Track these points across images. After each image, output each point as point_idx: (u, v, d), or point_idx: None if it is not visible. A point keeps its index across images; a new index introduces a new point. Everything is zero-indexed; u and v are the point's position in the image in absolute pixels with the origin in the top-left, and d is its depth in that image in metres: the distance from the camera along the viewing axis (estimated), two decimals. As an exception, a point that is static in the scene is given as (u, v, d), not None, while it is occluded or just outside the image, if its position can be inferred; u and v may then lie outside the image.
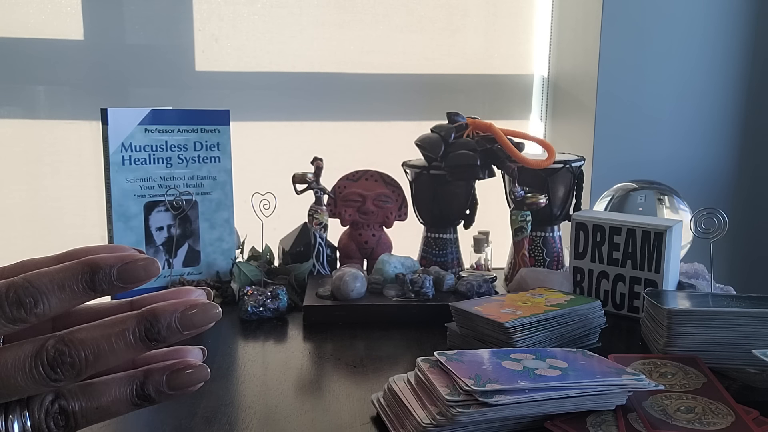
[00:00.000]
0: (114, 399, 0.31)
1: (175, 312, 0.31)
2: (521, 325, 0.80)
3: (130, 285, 0.30)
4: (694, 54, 1.65)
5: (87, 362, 0.29)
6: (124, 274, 0.30)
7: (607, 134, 1.64)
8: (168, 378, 0.32)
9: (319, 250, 1.15)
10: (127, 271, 0.30)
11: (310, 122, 1.72)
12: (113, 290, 0.30)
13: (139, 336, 0.30)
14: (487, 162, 1.16)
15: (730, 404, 0.67)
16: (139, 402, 0.32)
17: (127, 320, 0.30)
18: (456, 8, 1.74)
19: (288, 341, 0.93)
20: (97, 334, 0.30)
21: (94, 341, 0.29)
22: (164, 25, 1.63)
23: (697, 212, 0.95)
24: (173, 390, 0.32)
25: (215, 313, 0.31)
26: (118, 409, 0.31)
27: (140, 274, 0.30)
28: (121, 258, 0.30)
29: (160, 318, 0.30)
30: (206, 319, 0.31)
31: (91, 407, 0.30)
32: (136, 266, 0.30)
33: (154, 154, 1.07)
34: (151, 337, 0.30)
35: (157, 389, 0.32)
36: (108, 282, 0.30)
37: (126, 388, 0.31)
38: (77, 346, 0.29)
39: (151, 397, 0.32)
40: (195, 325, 0.31)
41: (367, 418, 0.69)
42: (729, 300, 0.87)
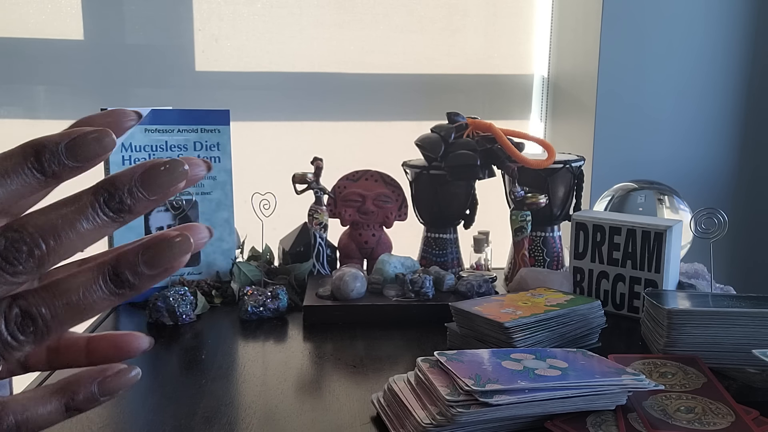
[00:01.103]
0: (86, 292, 0.25)
1: (134, 174, 0.26)
2: (521, 325, 0.80)
3: (85, 163, 0.26)
4: (694, 54, 1.65)
5: (48, 248, 0.25)
6: (75, 149, 0.25)
7: (607, 134, 1.64)
8: (144, 255, 0.26)
9: (319, 250, 1.15)
10: (76, 146, 0.25)
11: (310, 122, 1.72)
12: (65, 171, 0.26)
13: (101, 208, 0.25)
14: (487, 162, 1.16)
15: (730, 404, 0.67)
16: (118, 291, 0.26)
17: (82, 194, 0.26)
18: (456, 8, 1.74)
19: (288, 341, 0.93)
20: (52, 215, 0.25)
21: (51, 223, 0.25)
22: (164, 25, 1.63)
23: (697, 212, 0.95)
24: (153, 268, 0.26)
25: (182, 170, 0.26)
26: (94, 301, 0.25)
27: (93, 148, 0.25)
28: (67, 133, 0.25)
29: (117, 184, 0.26)
30: (173, 179, 0.26)
31: (60, 305, 0.25)
32: (86, 139, 0.25)
33: (154, 154, 1.07)
34: (114, 207, 0.26)
35: (134, 270, 0.26)
36: (58, 161, 0.25)
37: (98, 277, 0.26)
38: (33, 232, 0.24)
39: (128, 281, 0.26)
40: (161, 186, 0.26)
41: (367, 418, 0.69)
42: (729, 300, 0.87)
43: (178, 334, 0.95)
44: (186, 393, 0.75)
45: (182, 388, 0.76)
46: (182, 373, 0.82)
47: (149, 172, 0.26)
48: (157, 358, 0.88)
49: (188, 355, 0.88)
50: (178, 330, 0.96)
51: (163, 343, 0.92)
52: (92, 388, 0.28)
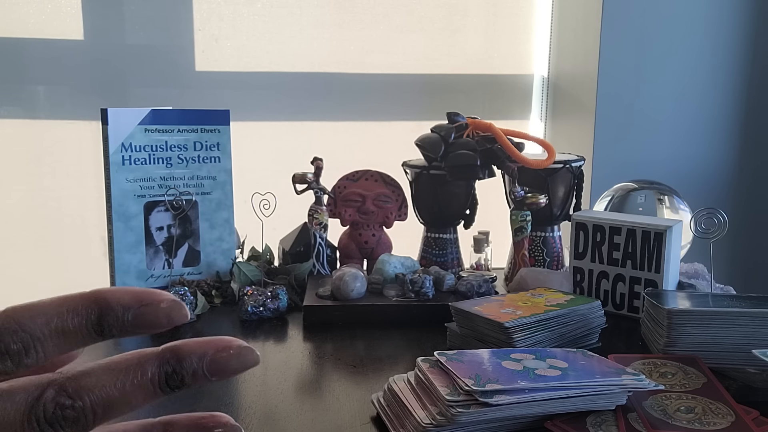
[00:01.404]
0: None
1: (205, 355, 0.25)
2: (521, 325, 0.80)
3: (147, 330, 0.25)
4: (694, 54, 1.65)
5: (95, 415, 0.24)
6: (141, 319, 0.25)
7: (607, 134, 1.64)
8: (212, 359, 0.25)
9: (319, 250, 1.15)
10: (143, 316, 0.25)
11: (310, 122, 1.72)
12: (125, 335, 0.25)
13: (159, 383, 0.25)
14: (487, 162, 1.16)
15: (730, 404, 0.67)
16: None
17: (146, 362, 0.25)
18: (456, 8, 1.74)
19: (288, 341, 0.93)
20: (107, 380, 0.24)
21: (104, 389, 0.24)
22: (164, 25, 1.63)
23: (697, 212, 0.95)
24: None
25: (253, 357, 0.25)
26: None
27: (161, 320, 0.25)
28: (138, 299, 0.24)
29: (184, 361, 0.25)
30: (242, 365, 0.25)
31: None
32: (157, 309, 0.25)
33: (154, 154, 1.07)
34: (173, 384, 0.25)
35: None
36: (120, 326, 0.24)
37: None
38: (83, 396, 0.23)
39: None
40: (227, 372, 0.25)
41: (367, 418, 0.69)
42: (729, 300, 0.87)
43: (178, 334, 0.95)
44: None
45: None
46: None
47: (220, 356, 0.25)
48: (157, 358, 0.88)
49: (188, 355, 0.88)
50: (178, 330, 0.96)
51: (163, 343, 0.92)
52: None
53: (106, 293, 0.24)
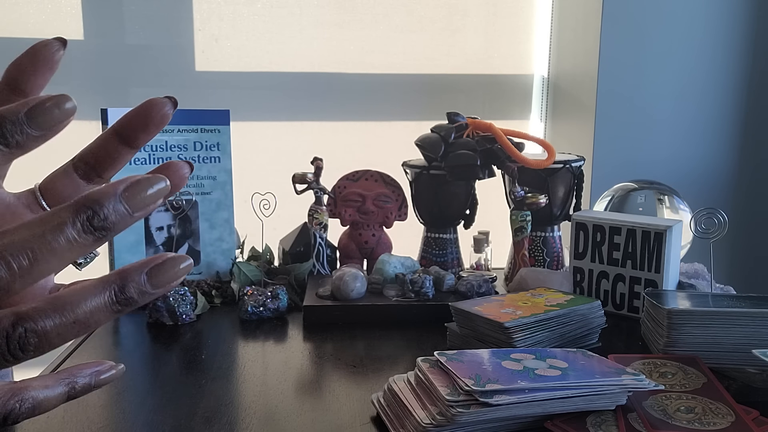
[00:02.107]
0: (91, 309, 0.26)
1: (117, 190, 0.25)
2: (521, 325, 0.80)
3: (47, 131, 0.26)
4: (694, 54, 1.65)
5: (21, 269, 0.24)
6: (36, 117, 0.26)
7: (607, 134, 1.64)
8: (149, 274, 0.27)
9: (319, 250, 1.15)
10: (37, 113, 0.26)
11: (310, 122, 1.72)
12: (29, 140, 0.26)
13: (82, 227, 0.25)
14: (487, 162, 1.16)
15: (730, 404, 0.67)
16: (120, 308, 0.26)
17: (62, 211, 0.25)
18: (456, 8, 1.74)
19: (288, 341, 0.93)
20: (26, 234, 0.24)
21: (26, 242, 0.24)
22: (164, 25, 1.63)
23: (697, 212, 0.95)
24: (157, 287, 0.27)
25: (164, 185, 0.27)
26: (98, 319, 0.26)
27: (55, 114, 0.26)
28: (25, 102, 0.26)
29: (101, 200, 0.25)
30: (157, 193, 0.26)
31: (67, 322, 0.25)
32: (45, 106, 0.26)
33: (154, 154, 1.07)
34: (97, 224, 0.25)
35: (140, 290, 0.26)
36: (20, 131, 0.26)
37: (104, 294, 0.26)
38: (3, 252, 0.24)
39: (132, 299, 0.26)
40: (145, 202, 0.26)
41: (367, 418, 0.69)
42: (729, 300, 0.87)
43: (178, 334, 0.95)
44: (186, 393, 0.75)
45: (182, 388, 0.76)
46: (182, 373, 0.82)
47: (133, 188, 0.26)
48: (157, 358, 0.88)
49: (188, 355, 0.88)
50: (178, 330, 0.96)
51: (163, 343, 0.92)
52: (90, 379, 0.32)
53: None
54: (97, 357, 0.87)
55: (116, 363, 0.34)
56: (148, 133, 0.33)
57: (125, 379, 0.81)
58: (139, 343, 0.93)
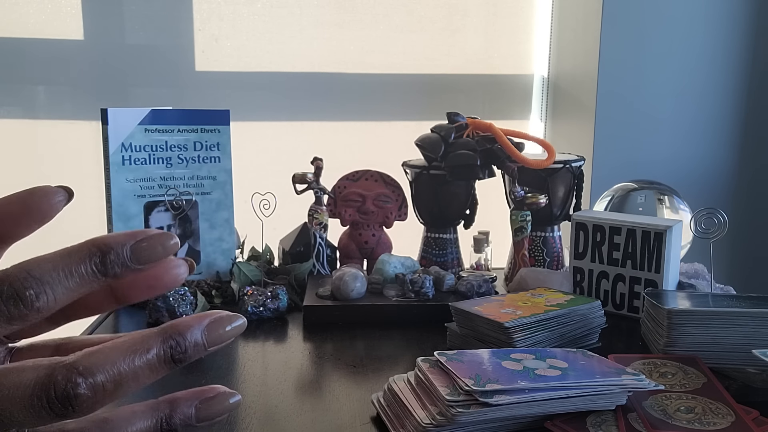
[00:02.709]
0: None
1: (201, 326, 0.26)
2: (521, 325, 0.80)
3: (147, 264, 0.26)
4: (694, 54, 1.65)
5: (105, 393, 0.24)
6: (140, 252, 0.26)
7: (607, 134, 1.64)
8: (198, 409, 0.28)
9: (319, 250, 1.15)
10: (142, 249, 0.26)
11: (310, 122, 1.72)
12: (127, 272, 0.26)
13: (164, 357, 0.26)
14: (487, 162, 1.16)
15: (730, 404, 0.67)
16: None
17: (150, 339, 0.26)
18: (456, 8, 1.74)
19: (288, 341, 0.93)
20: (116, 357, 0.25)
21: (114, 366, 0.24)
22: (164, 25, 1.63)
23: (697, 212, 0.95)
24: (202, 421, 0.28)
25: (241, 323, 0.27)
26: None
27: (158, 250, 0.26)
28: (132, 235, 0.26)
29: (185, 334, 0.26)
30: (233, 331, 0.27)
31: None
32: (151, 242, 0.26)
33: (154, 154, 1.07)
34: (177, 357, 0.26)
35: (185, 422, 0.27)
36: (121, 263, 0.26)
37: (149, 421, 0.27)
38: (94, 373, 0.24)
39: (176, 430, 0.27)
40: (222, 339, 0.27)
41: (367, 418, 0.69)
42: (729, 300, 0.87)
43: (178, 334, 0.95)
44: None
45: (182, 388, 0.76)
46: (182, 373, 0.82)
47: (214, 325, 0.27)
48: (157, 358, 0.88)
49: (188, 355, 0.88)
50: (178, 330, 0.96)
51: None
52: (190, 411, 0.29)
53: (104, 236, 0.26)
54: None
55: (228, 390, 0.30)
56: (21, 229, 0.29)
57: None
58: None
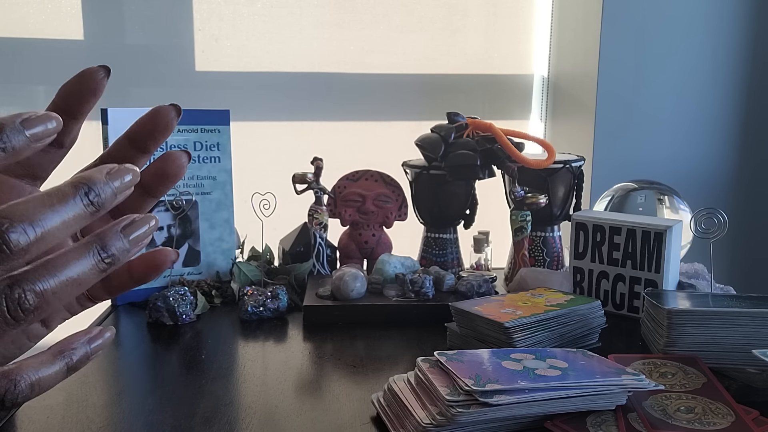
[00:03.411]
0: (81, 269, 0.28)
1: (102, 172, 0.29)
2: (521, 325, 0.80)
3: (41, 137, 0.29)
4: (694, 53, 1.65)
5: (36, 237, 0.27)
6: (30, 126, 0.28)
7: (607, 134, 1.64)
8: (124, 231, 0.29)
9: (319, 250, 1.15)
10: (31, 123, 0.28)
11: (310, 122, 1.72)
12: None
13: (81, 199, 0.28)
14: (487, 162, 1.16)
15: (730, 404, 0.67)
16: (106, 266, 0.29)
17: (61, 187, 0.28)
18: (456, 8, 1.74)
19: (288, 341, 0.93)
20: (36, 201, 0.27)
21: (36, 209, 0.27)
22: (164, 25, 1.63)
23: (697, 212, 0.95)
24: (134, 243, 0.30)
25: (135, 174, 0.30)
26: (88, 278, 0.28)
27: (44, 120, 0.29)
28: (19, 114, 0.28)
29: (94, 180, 0.29)
30: (131, 181, 0.30)
31: (60, 281, 0.27)
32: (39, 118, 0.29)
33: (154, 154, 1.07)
34: (93, 199, 0.28)
35: (120, 247, 0.29)
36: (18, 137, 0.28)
37: (88, 254, 0.28)
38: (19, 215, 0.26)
39: (115, 256, 0.29)
40: (126, 186, 0.30)
41: (367, 418, 0.69)
42: (729, 300, 0.87)
43: (178, 334, 0.95)
44: (186, 393, 0.75)
45: (182, 388, 0.76)
46: (182, 373, 0.82)
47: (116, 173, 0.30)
48: (157, 358, 0.88)
49: (188, 355, 0.88)
50: (178, 330, 0.96)
51: (163, 343, 0.92)
52: (86, 348, 0.32)
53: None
54: (97, 357, 0.87)
55: (106, 327, 0.33)
56: (155, 139, 0.37)
57: (125, 379, 0.81)
58: (139, 343, 0.93)
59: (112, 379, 0.81)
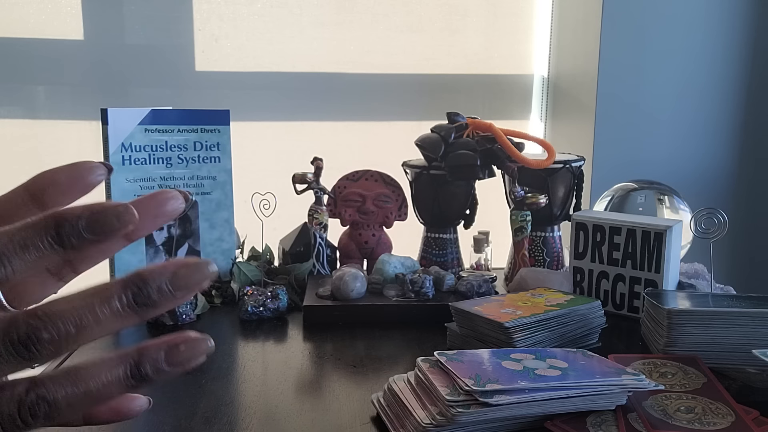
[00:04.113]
0: (105, 382, 0.26)
1: (165, 272, 0.26)
2: (521, 325, 0.80)
3: (102, 237, 0.26)
4: (694, 54, 1.65)
5: (68, 336, 0.25)
6: (94, 225, 0.26)
7: (607, 134, 1.64)
8: (167, 354, 0.27)
9: (319, 250, 1.15)
10: (96, 222, 0.26)
11: (310, 122, 1.72)
12: (83, 244, 0.26)
13: (127, 302, 0.26)
14: (487, 162, 1.16)
15: (730, 404, 0.67)
16: (135, 383, 0.27)
17: (111, 286, 0.26)
18: (456, 8, 1.74)
19: (288, 341, 0.93)
20: (77, 303, 0.25)
21: (75, 312, 0.25)
22: (164, 25, 1.63)
23: (697, 212, 0.95)
24: (173, 366, 0.27)
25: (210, 270, 0.27)
26: (111, 392, 0.26)
27: (112, 223, 0.26)
28: (89, 207, 0.26)
29: (148, 280, 0.26)
30: (201, 277, 0.27)
31: (78, 393, 0.26)
32: (106, 214, 0.26)
33: (154, 154, 1.07)
34: (140, 301, 0.26)
35: (155, 367, 0.27)
36: (77, 235, 0.26)
37: (119, 369, 0.26)
38: (54, 319, 0.25)
39: (148, 376, 0.27)
40: (189, 286, 0.27)
41: (367, 418, 0.69)
42: (729, 300, 0.87)
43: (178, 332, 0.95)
44: (186, 393, 0.75)
45: (182, 388, 0.76)
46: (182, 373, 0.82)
47: (180, 271, 0.27)
48: (157, 358, 0.88)
49: (188, 355, 0.88)
50: (178, 330, 0.96)
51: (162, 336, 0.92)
52: (159, 355, 0.28)
53: (61, 209, 0.26)
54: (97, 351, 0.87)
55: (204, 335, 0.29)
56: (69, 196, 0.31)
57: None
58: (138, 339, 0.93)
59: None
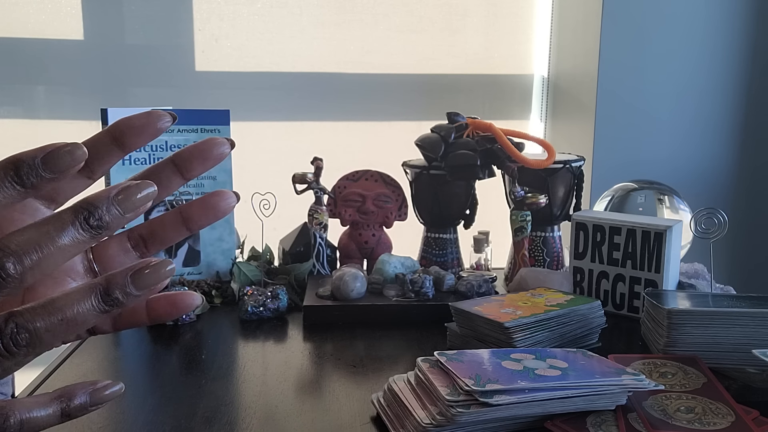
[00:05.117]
0: (79, 309, 0.28)
1: (110, 194, 0.29)
2: (521, 325, 0.80)
3: (59, 174, 0.28)
4: (694, 54, 1.65)
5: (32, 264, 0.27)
6: (49, 162, 0.28)
7: (607, 134, 1.64)
8: (132, 278, 0.29)
9: (319, 250, 1.15)
10: (51, 158, 0.28)
11: (310, 122, 1.72)
12: (43, 182, 0.28)
13: (80, 225, 0.28)
14: (487, 162, 1.16)
15: (730, 404, 0.67)
16: (107, 308, 0.29)
17: (64, 213, 0.28)
18: (456, 8, 1.74)
19: (288, 341, 0.93)
20: (34, 233, 0.27)
21: (34, 240, 0.27)
22: (164, 25, 1.63)
23: (697, 212, 0.95)
24: (139, 289, 0.29)
25: (152, 190, 0.30)
26: (86, 318, 0.28)
27: (66, 159, 0.28)
28: (43, 148, 0.28)
29: (96, 203, 0.28)
30: (144, 197, 0.29)
31: (55, 321, 0.28)
32: (59, 153, 0.28)
33: (154, 154, 1.07)
34: (94, 223, 0.28)
35: (124, 290, 0.29)
36: (35, 174, 0.28)
37: (90, 295, 0.28)
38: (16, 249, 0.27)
39: (118, 300, 0.29)
40: (135, 204, 0.29)
41: (367, 418, 0.69)
42: (729, 300, 0.87)
43: (178, 334, 0.95)
44: (186, 393, 0.75)
45: (182, 388, 0.76)
46: (182, 373, 0.82)
47: (126, 192, 0.29)
48: (157, 358, 0.88)
49: (188, 355, 0.88)
50: (178, 330, 0.96)
51: (163, 343, 0.92)
52: (85, 398, 0.32)
53: (18, 153, 0.28)
54: (98, 357, 0.87)
55: (115, 381, 0.34)
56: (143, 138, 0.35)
57: (125, 379, 0.81)
58: (139, 343, 0.93)
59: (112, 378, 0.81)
